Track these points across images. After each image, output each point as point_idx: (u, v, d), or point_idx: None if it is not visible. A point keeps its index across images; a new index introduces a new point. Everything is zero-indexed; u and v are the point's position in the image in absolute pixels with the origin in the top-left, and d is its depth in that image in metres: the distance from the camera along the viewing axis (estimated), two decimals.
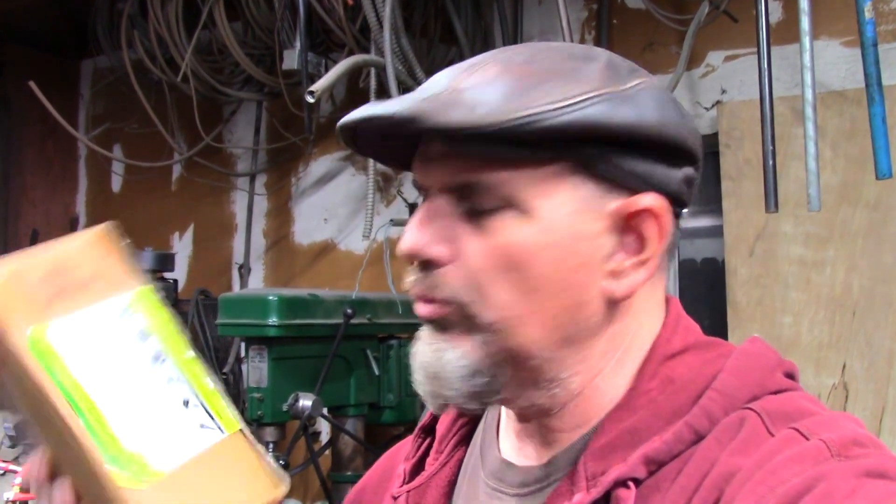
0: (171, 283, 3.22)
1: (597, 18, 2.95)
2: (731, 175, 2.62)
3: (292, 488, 3.98)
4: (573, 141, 0.68)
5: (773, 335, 2.51)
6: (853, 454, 0.62)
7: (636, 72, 0.74)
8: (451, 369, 0.72)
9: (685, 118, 0.74)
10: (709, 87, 2.74)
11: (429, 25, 2.97)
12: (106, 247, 0.72)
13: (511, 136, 0.65)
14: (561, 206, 0.69)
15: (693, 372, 0.72)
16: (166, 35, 3.14)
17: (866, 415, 2.39)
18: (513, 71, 0.69)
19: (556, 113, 0.66)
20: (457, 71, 0.73)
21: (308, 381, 2.53)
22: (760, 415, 0.67)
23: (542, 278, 0.69)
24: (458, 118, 0.65)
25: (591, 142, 0.68)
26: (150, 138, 3.84)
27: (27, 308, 0.67)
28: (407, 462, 0.88)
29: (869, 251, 2.41)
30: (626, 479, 0.67)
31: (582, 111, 0.66)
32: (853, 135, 2.43)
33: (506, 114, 0.65)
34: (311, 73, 2.80)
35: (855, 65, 2.45)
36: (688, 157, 0.74)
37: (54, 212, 4.53)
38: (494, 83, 0.68)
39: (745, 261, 2.58)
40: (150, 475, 0.64)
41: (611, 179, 0.70)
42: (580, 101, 0.67)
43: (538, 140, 0.67)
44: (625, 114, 0.68)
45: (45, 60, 4.36)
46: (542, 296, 0.70)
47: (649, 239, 0.71)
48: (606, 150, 0.69)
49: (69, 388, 0.65)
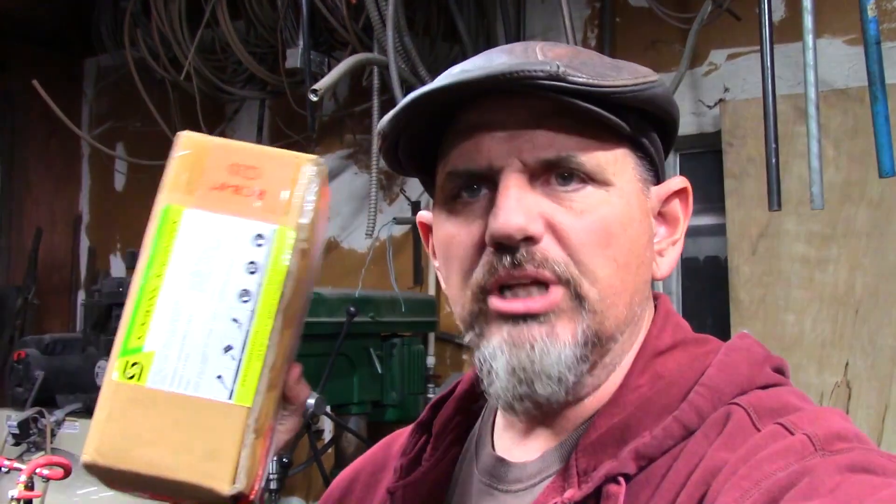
0: None
1: (599, 16, 2.95)
2: (734, 173, 2.62)
3: (295, 487, 4.00)
4: (647, 118, 0.73)
5: (776, 333, 2.51)
6: (837, 448, 0.62)
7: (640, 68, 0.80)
8: (556, 362, 0.69)
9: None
10: (711, 85, 2.74)
11: (431, 24, 2.97)
12: (301, 177, 0.69)
13: (618, 103, 0.69)
14: (632, 184, 0.73)
15: (682, 368, 0.73)
16: (169, 34, 3.14)
17: (869, 413, 2.39)
18: (583, 54, 0.73)
19: (647, 85, 0.70)
20: (523, 48, 0.73)
21: (311, 379, 2.51)
22: (747, 410, 0.68)
23: (630, 253, 0.71)
24: (588, 81, 0.67)
25: (656, 122, 0.74)
26: (152, 137, 3.85)
27: (187, 185, 0.70)
28: (404, 458, 0.88)
29: (872, 249, 2.41)
30: (616, 474, 0.67)
31: (653, 91, 0.71)
32: (856, 133, 2.43)
33: (624, 81, 0.69)
34: (314, 72, 2.80)
35: (857, 63, 2.44)
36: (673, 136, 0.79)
37: (58, 209, 4.53)
38: (583, 59, 0.70)
39: (748, 259, 2.58)
40: (139, 380, 0.63)
41: (652, 161, 0.75)
42: (651, 82, 0.71)
43: (627, 114, 0.71)
44: (670, 102, 0.75)
45: (49, 58, 4.37)
46: (630, 271, 0.71)
47: (680, 218, 0.77)
48: (655, 132, 0.75)
49: (155, 266, 0.67)
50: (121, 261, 4.40)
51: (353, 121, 3.45)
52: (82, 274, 4.55)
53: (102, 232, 4.53)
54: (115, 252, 4.46)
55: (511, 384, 0.70)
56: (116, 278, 3.27)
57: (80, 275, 4.56)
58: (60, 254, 4.52)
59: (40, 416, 2.95)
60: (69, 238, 4.56)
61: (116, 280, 3.20)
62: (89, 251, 4.54)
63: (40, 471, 1.60)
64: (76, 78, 4.58)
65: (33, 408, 2.97)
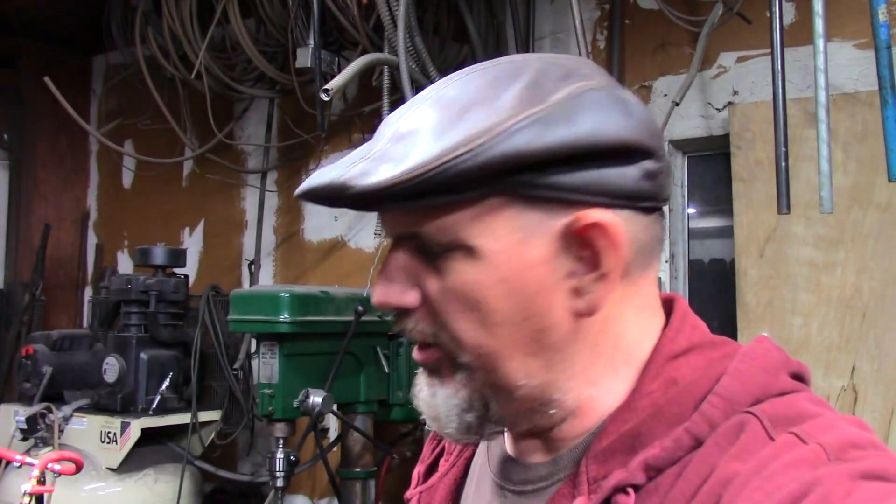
0: (183, 279, 3.24)
1: (609, 18, 2.96)
2: (742, 176, 2.63)
3: (301, 484, 4.00)
4: (500, 174, 0.66)
5: (783, 336, 2.51)
6: (850, 457, 0.62)
7: (569, 77, 0.70)
8: (445, 409, 0.74)
9: (631, 113, 0.70)
10: (720, 87, 2.74)
11: (441, 24, 2.98)
12: None
13: (434, 185, 0.66)
14: (503, 239, 0.69)
15: (697, 373, 0.72)
16: (180, 32, 3.15)
17: (875, 417, 2.39)
18: (440, 109, 0.69)
19: (473, 154, 0.65)
20: (397, 115, 0.73)
21: (319, 377, 2.54)
22: (761, 419, 0.67)
23: (500, 313, 0.70)
24: (379, 180, 0.66)
25: (521, 170, 0.66)
26: (161, 134, 3.86)
27: None
28: (421, 465, 0.90)
29: (879, 253, 2.41)
30: (625, 485, 0.67)
31: (501, 144, 0.65)
32: (865, 137, 2.43)
33: (424, 165, 0.65)
34: (324, 71, 2.81)
35: (867, 67, 2.45)
36: (639, 151, 0.70)
37: (66, 206, 4.55)
38: (421, 129, 0.68)
39: (756, 262, 2.58)
40: None
41: (552, 200, 0.68)
42: (498, 135, 0.65)
43: (463, 182, 0.66)
44: (551, 134, 0.66)
45: (59, 55, 4.39)
46: (506, 329, 0.70)
47: (603, 252, 0.69)
48: (540, 173, 0.67)
49: None
50: (128, 258, 4.41)
51: (362, 120, 3.46)
52: (89, 270, 4.57)
53: (110, 229, 4.55)
54: (123, 249, 4.47)
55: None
56: (124, 275, 3.29)
57: (87, 271, 4.57)
58: (67, 250, 4.54)
59: (48, 411, 2.97)
60: (76, 235, 4.58)
61: (124, 277, 3.22)
62: (96, 248, 4.56)
63: (52, 466, 1.61)
64: (85, 75, 4.59)
65: (41, 403, 2.99)
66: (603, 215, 0.68)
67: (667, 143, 2.80)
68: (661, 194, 0.72)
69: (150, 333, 3.08)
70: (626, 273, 0.72)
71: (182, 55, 3.29)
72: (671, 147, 2.85)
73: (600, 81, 0.71)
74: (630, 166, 0.69)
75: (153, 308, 3.08)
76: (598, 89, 0.70)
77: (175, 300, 3.16)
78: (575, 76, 0.71)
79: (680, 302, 0.78)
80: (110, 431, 2.89)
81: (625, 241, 0.69)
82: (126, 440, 2.86)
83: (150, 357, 3.04)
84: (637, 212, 0.71)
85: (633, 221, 0.71)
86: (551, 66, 0.71)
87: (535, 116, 0.66)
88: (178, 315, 3.20)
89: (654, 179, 0.71)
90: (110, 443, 2.89)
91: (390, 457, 2.93)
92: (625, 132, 0.68)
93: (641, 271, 0.74)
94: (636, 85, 2.92)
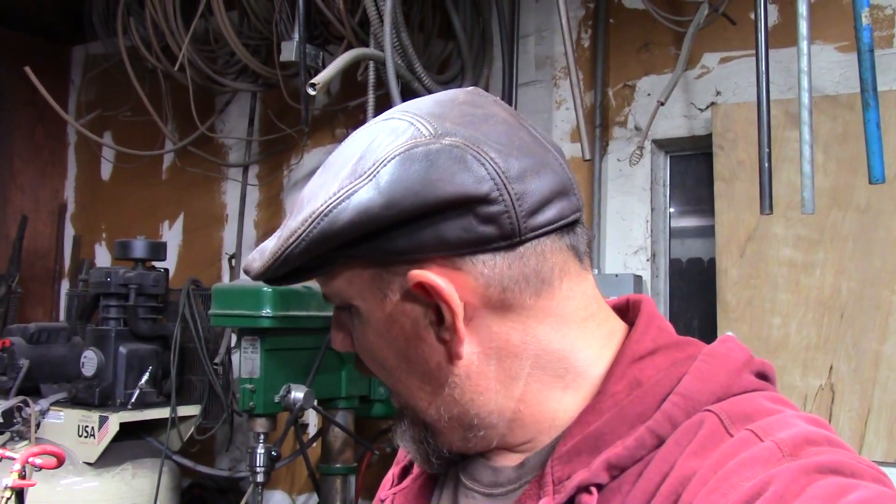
0: (163, 273, 3.21)
1: (594, 17, 2.97)
2: (724, 176, 2.65)
3: (279, 480, 4.00)
4: (333, 250, 0.71)
5: (762, 336, 2.53)
6: (805, 453, 0.63)
7: (394, 142, 0.70)
8: (409, 443, 0.81)
9: (446, 170, 0.68)
10: (703, 88, 2.76)
11: (427, 21, 2.98)
12: None
13: (291, 269, 0.73)
14: (371, 299, 0.74)
15: (660, 374, 0.73)
16: (163, 23, 3.12)
17: (852, 416, 2.42)
18: (306, 192, 0.75)
19: (298, 241, 0.70)
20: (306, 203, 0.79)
21: (300, 372, 2.53)
22: (720, 416, 0.68)
23: (389, 360, 0.76)
24: (256, 269, 0.75)
25: (353, 242, 0.70)
26: (141, 126, 3.82)
27: None
28: (396, 466, 0.92)
29: (858, 254, 2.45)
30: (588, 484, 0.69)
31: (320, 226, 0.69)
32: (845, 139, 2.46)
33: (272, 256, 0.72)
34: (309, 65, 2.80)
35: (848, 70, 2.47)
36: (455, 205, 0.68)
37: (43, 197, 4.50)
38: (290, 216, 0.75)
39: (736, 262, 2.61)
40: None
41: (386, 263, 0.71)
42: (316, 219, 0.70)
43: (311, 261, 0.72)
44: (364, 206, 0.68)
45: (36, 45, 4.33)
46: (402, 373, 0.76)
47: (441, 305, 0.70)
48: (371, 240, 0.69)
49: None
50: (106, 250, 4.37)
51: (346, 115, 3.44)
52: (66, 263, 4.52)
53: (88, 221, 4.50)
54: (101, 241, 4.43)
55: None
56: (104, 268, 3.26)
57: (65, 264, 4.52)
58: (44, 242, 4.48)
59: (25, 405, 2.93)
60: (53, 226, 4.53)
61: (104, 270, 3.19)
62: (74, 240, 4.51)
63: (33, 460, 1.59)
64: (63, 65, 4.54)
65: (17, 396, 2.95)
66: (419, 276, 0.70)
67: (650, 142, 2.82)
68: (516, 230, 0.69)
69: (130, 327, 3.06)
70: (506, 307, 0.72)
71: (164, 47, 3.26)
72: (654, 146, 2.87)
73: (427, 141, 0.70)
74: (449, 222, 0.68)
75: (133, 301, 3.05)
76: (426, 145, 0.69)
77: (155, 294, 3.13)
78: (398, 141, 0.70)
79: (646, 304, 0.80)
80: (88, 425, 2.86)
81: (470, 288, 0.71)
82: (104, 434, 2.83)
83: (129, 351, 3.01)
84: (494, 252, 0.70)
85: (489, 263, 0.70)
86: (381, 133, 0.72)
87: (346, 192, 0.69)
88: (157, 309, 3.18)
89: (494, 222, 0.69)
90: (88, 437, 2.86)
91: (371, 453, 2.93)
92: (430, 193, 0.67)
93: (535, 299, 0.73)
94: (620, 84, 2.93)
